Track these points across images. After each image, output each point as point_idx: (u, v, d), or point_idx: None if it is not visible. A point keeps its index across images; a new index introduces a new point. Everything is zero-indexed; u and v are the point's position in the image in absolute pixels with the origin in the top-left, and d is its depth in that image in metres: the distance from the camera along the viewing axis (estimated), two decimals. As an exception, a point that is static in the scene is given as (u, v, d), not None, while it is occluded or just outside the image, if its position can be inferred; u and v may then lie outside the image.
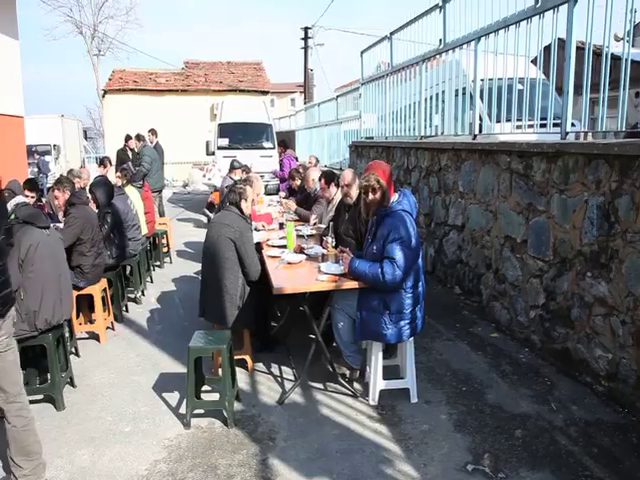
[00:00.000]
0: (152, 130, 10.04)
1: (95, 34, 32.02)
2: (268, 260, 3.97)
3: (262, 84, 21.53)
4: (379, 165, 3.40)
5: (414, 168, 6.72)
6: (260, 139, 11.76)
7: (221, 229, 3.82)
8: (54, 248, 3.59)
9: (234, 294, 3.73)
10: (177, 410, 3.34)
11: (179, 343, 4.30)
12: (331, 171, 5.47)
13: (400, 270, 3.13)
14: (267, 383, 3.68)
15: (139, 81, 20.93)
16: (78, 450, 2.94)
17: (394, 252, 3.14)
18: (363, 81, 9.39)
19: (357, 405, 3.35)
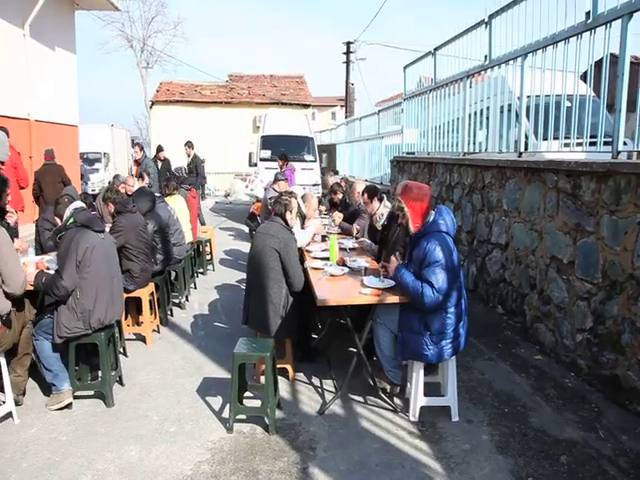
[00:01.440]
0: (188, 143, 10.40)
1: (144, 47, 33.41)
2: (311, 272, 4.03)
3: (304, 97, 21.87)
4: (409, 190, 3.42)
5: (457, 185, 6.68)
6: (302, 152, 11.93)
7: (266, 239, 3.91)
8: (108, 251, 3.77)
9: (278, 303, 3.80)
10: (220, 414, 3.42)
11: (222, 349, 4.42)
12: (374, 186, 5.52)
13: (440, 294, 3.13)
14: (307, 393, 3.73)
15: (185, 93, 21.64)
16: (126, 446, 3.05)
17: (432, 276, 3.14)
18: (405, 96, 9.42)
19: (397, 420, 3.35)
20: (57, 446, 3.06)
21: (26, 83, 10.66)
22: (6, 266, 3.14)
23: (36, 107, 10.99)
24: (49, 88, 11.66)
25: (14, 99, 10.30)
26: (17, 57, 10.39)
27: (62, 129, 12.18)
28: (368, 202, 5.07)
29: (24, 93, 10.61)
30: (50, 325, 3.50)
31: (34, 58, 10.95)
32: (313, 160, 11.84)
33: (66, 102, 12.76)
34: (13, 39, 10.31)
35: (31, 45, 10.85)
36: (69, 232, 3.60)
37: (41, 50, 11.36)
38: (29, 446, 3.06)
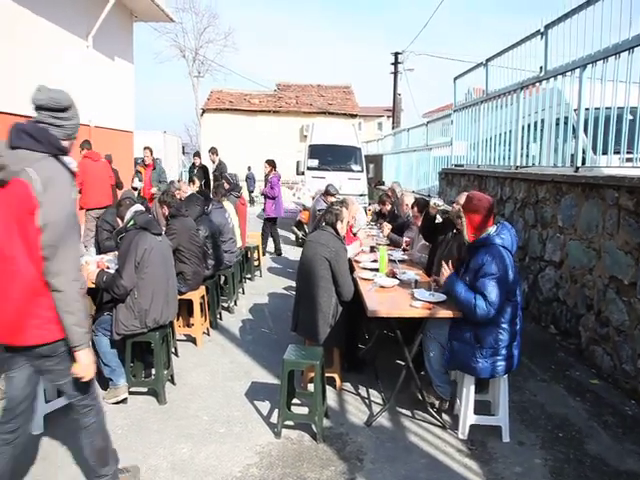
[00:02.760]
0: (212, 149, 10.60)
1: (196, 57, 34.44)
2: (360, 282, 4.04)
3: (351, 107, 21.96)
4: (468, 200, 3.39)
5: (508, 199, 6.54)
6: (349, 161, 11.97)
7: (317, 248, 3.95)
8: (164, 254, 3.90)
9: (327, 312, 3.83)
10: (268, 419, 3.46)
11: (270, 354, 4.48)
12: (424, 199, 5.48)
13: (492, 307, 3.07)
14: (354, 403, 3.72)
15: (234, 101, 22.16)
16: (178, 444, 3.14)
17: (487, 288, 3.09)
18: (455, 107, 9.32)
19: (446, 437, 3.29)
20: (114, 438, 3.11)
21: (88, 91, 11.23)
22: None
23: (96, 114, 11.54)
24: (108, 96, 12.24)
25: (77, 106, 10.84)
26: (81, 67, 10.97)
27: (119, 135, 12.72)
28: (418, 216, 5.04)
29: (86, 101, 11.17)
30: (109, 322, 3.65)
31: (95, 68, 11.53)
32: (360, 170, 11.85)
33: (123, 109, 13.34)
34: (78, 50, 10.90)
35: (93, 56, 11.43)
36: (129, 234, 3.75)
37: (102, 60, 11.95)
38: (87, 437, 3.19)
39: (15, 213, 2.12)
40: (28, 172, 2.12)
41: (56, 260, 2.14)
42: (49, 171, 2.17)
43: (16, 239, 2.13)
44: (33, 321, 2.17)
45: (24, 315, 2.16)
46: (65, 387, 2.37)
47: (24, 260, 2.13)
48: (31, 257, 2.13)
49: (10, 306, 2.14)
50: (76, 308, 2.20)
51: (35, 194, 2.11)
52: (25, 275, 2.14)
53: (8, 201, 2.13)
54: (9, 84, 8.75)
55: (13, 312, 2.15)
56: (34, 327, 2.17)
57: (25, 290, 2.15)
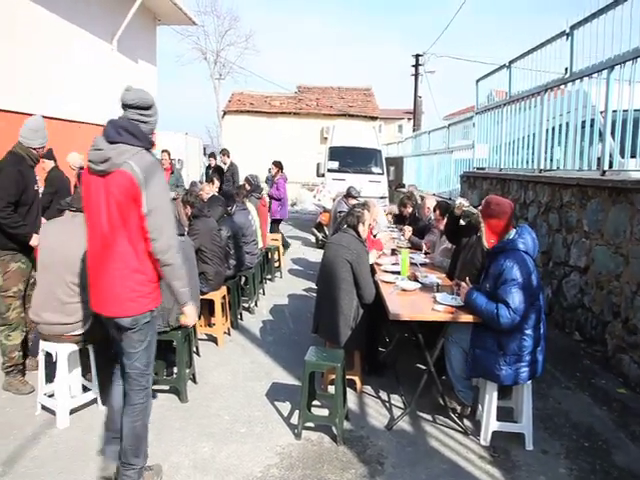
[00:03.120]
0: (223, 150, 10.63)
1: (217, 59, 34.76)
2: (382, 285, 4.03)
3: (371, 110, 21.91)
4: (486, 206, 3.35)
5: (532, 203, 6.45)
6: (369, 164, 11.93)
7: (338, 250, 3.95)
8: (187, 254, 3.94)
9: (348, 314, 3.82)
10: (288, 419, 3.47)
11: (290, 355, 4.50)
12: (446, 202, 5.44)
13: (517, 314, 3.03)
14: (375, 406, 3.71)
15: (255, 103, 22.29)
16: (199, 442, 3.17)
17: (509, 295, 3.04)
18: (478, 110, 9.23)
19: (467, 443, 3.26)
20: (136, 436, 3.22)
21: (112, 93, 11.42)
22: None
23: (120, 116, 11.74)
24: (133, 97, 12.42)
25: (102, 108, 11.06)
26: (105, 70, 11.18)
27: (143, 136, 12.90)
28: (440, 219, 5.00)
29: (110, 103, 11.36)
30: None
31: (120, 70, 11.74)
32: (381, 173, 11.81)
33: (147, 111, 13.53)
34: (103, 53, 11.12)
35: (117, 58, 11.64)
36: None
37: (126, 63, 12.16)
38: (112, 433, 3.24)
39: (117, 200, 2.39)
40: (131, 164, 2.38)
41: (163, 239, 2.44)
42: (147, 163, 2.44)
43: (115, 222, 2.41)
44: (131, 295, 2.47)
45: (126, 291, 2.46)
46: (132, 357, 2.56)
47: (123, 242, 2.42)
48: (130, 239, 2.42)
49: (112, 282, 2.45)
50: (182, 275, 2.58)
51: (138, 184, 2.37)
52: (124, 255, 2.43)
53: (109, 189, 2.40)
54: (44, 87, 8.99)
55: (114, 288, 2.46)
56: (129, 300, 2.47)
57: (124, 268, 2.44)
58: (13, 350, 3.75)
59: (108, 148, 2.40)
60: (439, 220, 5.05)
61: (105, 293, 2.49)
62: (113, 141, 2.41)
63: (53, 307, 3.24)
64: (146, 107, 2.51)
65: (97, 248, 2.50)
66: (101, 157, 2.41)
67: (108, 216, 2.42)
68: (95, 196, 2.45)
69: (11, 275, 3.71)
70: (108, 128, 2.45)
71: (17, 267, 3.74)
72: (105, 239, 2.44)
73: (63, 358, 3.33)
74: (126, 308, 2.47)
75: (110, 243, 2.43)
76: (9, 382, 3.78)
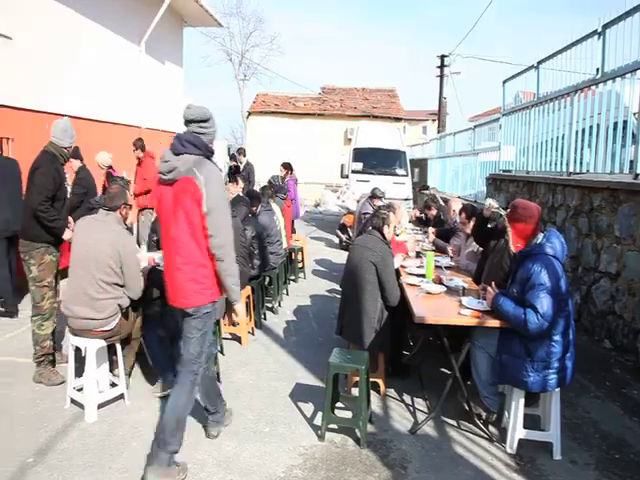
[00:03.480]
0: (240, 150, 10.65)
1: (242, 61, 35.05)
2: (407, 287, 4.00)
3: (395, 111, 21.81)
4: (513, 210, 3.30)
5: (560, 206, 6.32)
6: (393, 165, 11.86)
7: (363, 252, 3.94)
8: (214, 254, 3.97)
9: (373, 317, 3.81)
10: (311, 421, 3.48)
11: (313, 356, 4.50)
12: (472, 205, 5.36)
13: (545, 320, 2.97)
14: (399, 410, 3.68)
15: (280, 104, 22.42)
16: (224, 441, 3.20)
17: (537, 300, 2.99)
18: (504, 111, 9.09)
19: (493, 450, 3.21)
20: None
21: (140, 95, 11.64)
22: (129, 273, 3.43)
23: (147, 116, 11.95)
24: (158, 99, 12.64)
25: (130, 109, 11.28)
26: (133, 71, 11.39)
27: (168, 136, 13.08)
28: (466, 222, 4.94)
29: (138, 104, 11.58)
30: (159, 318, 3.76)
31: (147, 72, 11.94)
32: (405, 174, 11.73)
33: (172, 112, 13.74)
34: (131, 55, 11.33)
35: (145, 60, 11.84)
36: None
37: (153, 64, 12.36)
38: (138, 427, 3.31)
39: (182, 203, 2.70)
40: (194, 170, 2.69)
41: (220, 236, 2.72)
42: (208, 170, 2.73)
43: (182, 223, 2.72)
44: (194, 287, 2.75)
45: (190, 283, 2.74)
46: (188, 342, 2.82)
47: (187, 239, 2.72)
48: (193, 236, 2.71)
49: (180, 276, 2.75)
50: (234, 272, 2.82)
51: (200, 187, 2.67)
52: (190, 251, 2.73)
53: (177, 195, 2.72)
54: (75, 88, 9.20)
55: (183, 281, 2.74)
56: (194, 292, 2.75)
57: (190, 263, 2.73)
58: (45, 339, 3.89)
59: (174, 159, 2.74)
60: (465, 223, 4.99)
61: (174, 285, 2.79)
62: (178, 153, 2.74)
63: (83, 301, 3.32)
64: (204, 120, 2.81)
65: (169, 247, 2.80)
66: (169, 167, 2.74)
67: (176, 218, 2.73)
68: (166, 202, 2.78)
69: (45, 267, 3.89)
70: (175, 142, 2.79)
71: (50, 259, 3.91)
72: (175, 238, 2.74)
73: (92, 353, 3.40)
74: (191, 298, 2.75)
75: (179, 241, 2.73)
76: (40, 373, 3.89)
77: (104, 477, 2.80)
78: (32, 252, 3.87)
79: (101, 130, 9.84)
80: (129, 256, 3.41)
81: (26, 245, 3.89)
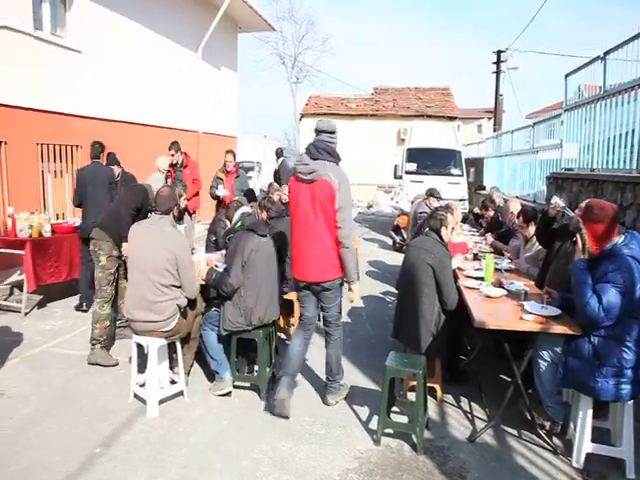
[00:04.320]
0: (276, 150, 10.55)
1: (295, 64, 35.40)
2: (465, 290, 3.88)
3: (450, 110, 21.35)
4: (588, 210, 3.11)
5: (630, 206, 5.92)
6: (448, 165, 11.60)
7: (420, 254, 3.86)
8: (269, 255, 4.02)
9: (429, 320, 3.73)
10: (367, 424, 3.44)
11: (367, 359, 4.47)
12: (532, 207, 5.13)
13: (605, 314, 2.82)
14: (456, 416, 3.58)
15: (332, 106, 22.49)
16: (279, 441, 3.22)
17: (605, 292, 2.84)
18: (567, 107, 8.66)
19: (557, 463, 3.05)
20: (219, 429, 3.35)
21: (197, 100, 12.01)
22: (186, 274, 3.54)
23: (203, 121, 12.31)
24: (214, 104, 12.99)
25: (187, 114, 11.67)
26: (191, 78, 11.77)
27: (224, 140, 13.44)
28: (524, 226, 4.76)
29: (195, 109, 11.96)
30: (217, 318, 3.84)
31: (203, 78, 12.30)
32: (460, 174, 11.44)
33: (228, 116, 14.09)
34: (189, 62, 11.71)
35: (202, 66, 12.21)
36: (237, 235, 3.93)
37: (209, 70, 12.72)
38: (196, 424, 3.40)
39: (320, 200, 3.39)
40: (330, 175, 3.36)
41: (346, 228, 3.41)
42: (340, 173, 3.41)
43: (319, 216, 3.41)
44: (327, 266, 3.47)
45: (325, 263, 3.46)
46: (331, 309, 3.66)
47: (324, 229, 3.42)
48: (328, 227, 3.41)
49: (317, 258, 3.46)
50: (353, 258, 3.51)
51: (335, 188, 3.34)
52: (324, 238, 3.43)
53: (314, 192, 3.39)
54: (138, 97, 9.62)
55: (320, 261, 3.46)
56: (327, 270, 3.47)
57: (324, 247, 3.44)
58: (104, 319, 4.35)
59: (312, 163, 3.40)
60: (523, 227, 4.80)
61: (311, 265, 3.49)
62: (315, 158, 3.41)
63: (143, 306, 3.45)
64: (333, 132, 3.50)
65: (303, 235, 3.49)
66: (308, 170, 3.40)
67: (313, 211, 3.41)
68: (302, 198, 3.45)
69: (112, 259, 4.48)
70: (311, 149, 3.46)
71: (115, 254, 4.50)
72: (311, 228, 3.44)
73: (153, 351, 3.53)
74: (326, 275, 3.49)
75: (315, 230, 3.44)
76: (95, 354, 4.27)
77: (165, 471, 2.89)
78: (103, 245, 4.43)
79: (160, 135, 10.22)
80: (184, 257, 3.52)
81: (101, 237, 4.44)
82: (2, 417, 3.41)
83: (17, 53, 7.03)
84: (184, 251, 3.54)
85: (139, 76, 9.72)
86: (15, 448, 3.06)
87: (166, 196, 3.62)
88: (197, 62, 12.00)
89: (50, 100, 7.58)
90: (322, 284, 3.51)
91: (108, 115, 8.73)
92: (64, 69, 7.88)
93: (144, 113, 9.84)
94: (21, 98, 7.11)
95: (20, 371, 4.15)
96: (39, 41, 7.42)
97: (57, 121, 7.72)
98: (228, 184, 7.45)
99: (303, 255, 3.52)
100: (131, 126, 9.23)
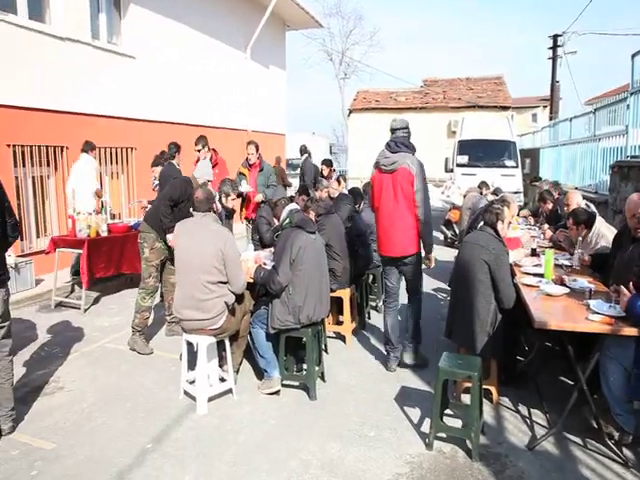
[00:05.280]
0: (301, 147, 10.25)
1: (342, 59, 35.22)
2: (523, 288, 3.66)
3: (503, 99, 20.54)
4: None
5: None
6: (502, 157, 11.15)
7: (474, 250, 3.67)
8: (318, 252, 3.95)
9: (485, 319, 3.54)
10: (418, 427, 3.32)
11: (418, 358, 4.32)
12: (583, 210, 4.71)
13: None
14: (513, 421, 3.39)
15: (381, 100, 22.19)
16: (328, 442, 3.15)
17: None
18: (633, 89, 8.06)
19: (628, 476, 2.81)
20: (267, 428, 3.32)
21: (246, 99, 12.14)
22: (232, 268, 3.52)
23: (252, 119, 12.43)
24: (263, 102, 13.09)
25: (236, 113, 11.82)
26: (240, 77, 11.90)
27: (272, 137, 13.55)
28: (573, 228, 4.47)
29: (244, 108, 12.09)
30: (265, 316, 3.82)
31: (252, 77, 12.41)
32: (515, 166, 10.97)
33: (276, 114, 14.18)
34: (238, 62, 11.85)
35: (250, 66, 12.32)
36: (285, 232, 3.88)
37: (258, 69, 12.83)
38: (244, 422, 3.38)
39: (401, 185, 4.02)
40: (408, 163, 4.00)
41: (423, 207, 4.01)
42: (416, 161, 4.04)
43: (401, 199, 4.03)
44: (409, 242, 4.09)
45: (406, 239, 4.09)
46: (412, 281, 4.26)
47: (405, 210, 4.03)
48: (409, 208, 4.02)
49: (401, 234, 4.08)
50: (431, 231, 4.16)
51: (414, 174, 3.99)
52: (407, 218, 4.04)
53: (396, 179, 4.04)
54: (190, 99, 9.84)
55: (402, 238, 4.09)
56: (409, 245, 4.10)
57: (407, 225, 4.06)
58: (145, 310, 4.58)
59: (393, 156, 4.06)
60: (572, 230, 4.51)
61: (397, 241, 4.10)
62: (395, 151, 4.07)
63: (191, 305, 3.47)
64: (405, 127, 4.15)
65: (387, 217, 4.12)
66: (390, 161, 4.07)
67: (395, 196, 4.04)
68: (385, 185, 4.09)
69: (155, 252, 4.64)
70: (391, 144, 4.11)
71: (159, 246, 4.66)
72: (395, 210, 4.05)
73: (203, 349, 3.55)
74: (408, 250, 4.10)
75: (399, 212, 4.05)
76: (135, 340, 4.57)
77: (214, 469, 2.89)
78: (147, 237, 4.63)
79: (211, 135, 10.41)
80: (230, 251, 3.50)
81: (145, 230, 4.65)
82: (62, 411, 3.53)
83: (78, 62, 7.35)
84: (230, 246, 3.53)
85: (190, 78, 9.93)
86: (71, 441, 3.16)
87: (203, 199, 3.63)
88: (246, 62, 12.14)
89: (107, 105, 7.87)
90: (404, 258, 4.12)
91: (160, 118, 8.97)
92: (120, 75, 8.17)
93: (195, 114, 10.05)
94: (83, 106, 7.44)
95: (79, 365, 4.31)
96: (96, 49, 7.73)
97: (113, 125, 8.00)
98: (251, 179, 6.70)
99: (388, 234, 4.14)
100: (182, 127, 9.44)
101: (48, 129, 6.98)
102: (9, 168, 6.53)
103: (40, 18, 7.01)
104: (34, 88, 6.74)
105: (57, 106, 7.07)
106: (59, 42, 7.10)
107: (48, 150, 7.09)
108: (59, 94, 7.09)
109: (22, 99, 6.58)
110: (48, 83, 6.94)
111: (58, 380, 4.02)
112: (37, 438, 3.18)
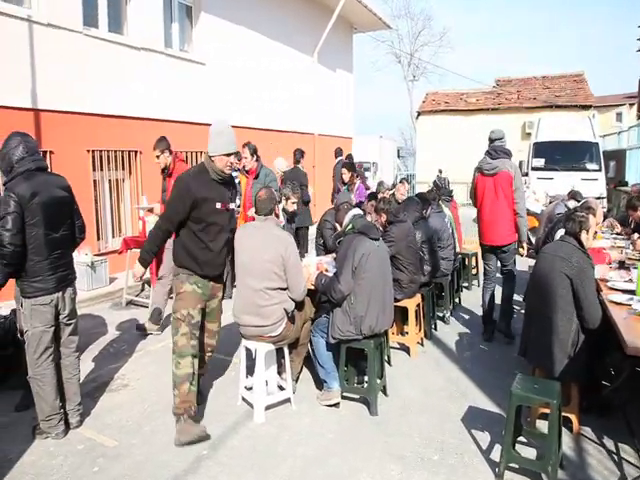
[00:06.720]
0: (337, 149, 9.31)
1: (411, 61, 34.55)
2: (611, 306, 3.29)
3: (583, 98, 19.27)
4: None
5: None
6: (582, 160, 10.38)
7: (555, 262, 3.34)
8: (382, 260, 3.77)
9: (566, 339, 3.21)
10: (487, 454, 3.05)
11: (489, 376, 4.04)
12: None
13: None
14: (597, 455, 3.04)
15: (450, 102, 21.55)
16: (388, 463, 2.97)
17: None
18: None
19: None
20: (325, 442, 3.19)
21: (313, 103, 12.16)
22: (292, 274, 3.42)
23: (319, 123, 12.43)
24: (330, 105, 13.06)
25: (304, 117, 11.86)
26: (307, 81, 11.93)
27: (340, 141, 13.47)
28: None
29: (311, 112, 12.12)
30: (326, 324, 3.69)
31: (319, 80, 12.41)
32: (597, 169, 10.17)
33: (343, 117, 14.11)
34: (305, 66, 11.89)
35: (317, 69, 12.33)
36: (347, 238, 3.74)
37: (325, 73, 12.82)
38: (302, 434, 3.27)
39: (501, 185, 4.75)
40: (508, 167, 4.74)
41: (521, 202, 4.81)
42: (513, 165, 4.84)
43: (501, 197, 4.77)
44: (507, 232, 4.83)
45: (505, 230, 4.82)
46: (507, 265, 4.97)
47: (505, 206, 4.77)
48: (509, 205, 4.76)
49: (502, 226, 4.81)
50: (527, 223, 4.95)
51: (513, 176, 4.73)
52: (505, 212, 4.78)
53: (497, 181, 4.76)
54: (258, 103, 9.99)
55: (502, 229, 4.82)
56: (508, 236, 4.83)
57: (505, 219, 4.79)
58: (183, 382, 3.17)
59: (494, 162, 4.78)
60: None
61: (498, 233, 4.82)
62: (495, 158, 4.78)
63: (251, 311, 3.40)
64: (502, 137, 4.86)
65: (489, 213, 4.83)
66: (492, 167, 4.78)
67: (495, 194, 4.77)
68: (488, 187, 4.81)
69: (183, 297, 3.25)
70: (492, 152, 4.83)
71: (192, 289, 3.26)
72: (496, 206, 4.79)
73: (261, 356, 3.48)
74: (506, 239, 4.84)
75: (500, 208, 4.78)
76: (179, 429, 3.16)
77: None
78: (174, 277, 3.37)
79: (278, 139, 10.50)
80: (290, 257, 3.40)
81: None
82: (125, 409, 3.60)
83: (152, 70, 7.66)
84: (291, 251, 3.44)
85: (258, 82, 10.07)
86: (132, 440, 3.19)
87: (266, 199, 3.54)
88: (313, 65, 12.16)
89: (177, 111, 8.14)
90: (503, 247, 4.84)
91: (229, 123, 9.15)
92: (190, 81, 8.42)
93: (262, 118, 10.17)
94: (155, 111, 7.73)
95: (144, 364, 4.40)
96: (169, 57, 8.01)
97: (184, 130, 8.25)
98: (247, 187, 5.68)
99: (490, 227, 4.85)
100: (249, 131, 9.58)
101: (123, 135, 7.29)
102: (88, 172, 6.88)
103: (119, 30, 7.35)
104: (111, 96, 7.06)
105: (132, 112, 7.37)
106: (135, 52, 7.40)
107: (123, 155, 7.42)
108: (134, 101, 7.40)
109: (101, 107, 6.92)
110: (124, 91, 7.25)
111: (123, 377, 4.12)
112: (101, 435, 3.25)
